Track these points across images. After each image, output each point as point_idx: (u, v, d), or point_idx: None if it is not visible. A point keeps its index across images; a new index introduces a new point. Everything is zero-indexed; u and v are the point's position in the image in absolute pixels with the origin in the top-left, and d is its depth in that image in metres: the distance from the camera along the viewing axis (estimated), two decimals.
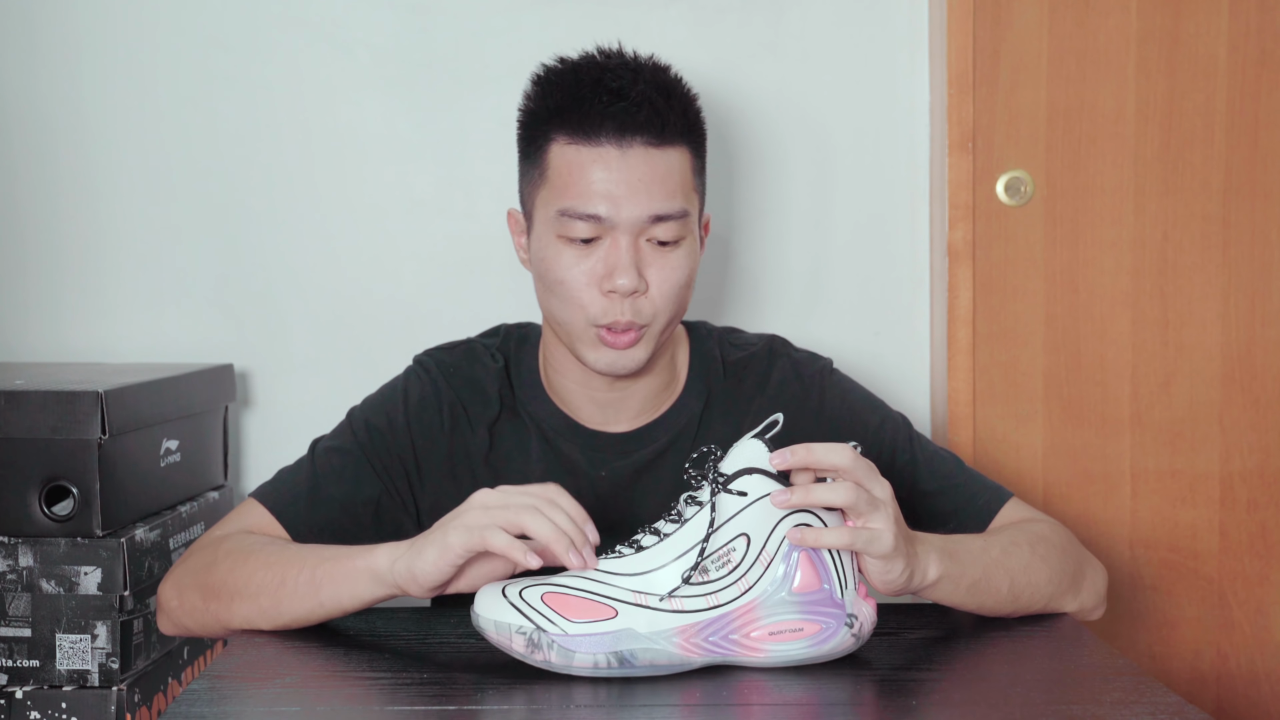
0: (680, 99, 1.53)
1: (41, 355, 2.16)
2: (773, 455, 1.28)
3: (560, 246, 1.50)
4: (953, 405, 2.09)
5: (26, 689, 1.73)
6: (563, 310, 1.52)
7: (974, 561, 1.41)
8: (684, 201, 1.50)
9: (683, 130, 1.52)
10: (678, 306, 1.53)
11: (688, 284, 1.53)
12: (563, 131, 1.50)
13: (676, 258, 1.51)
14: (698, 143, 1.55)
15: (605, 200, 1.47)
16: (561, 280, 1.50)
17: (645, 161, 1.48)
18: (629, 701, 1.22)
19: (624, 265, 1.47)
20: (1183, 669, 2.12)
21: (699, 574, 1.27)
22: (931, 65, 2.13)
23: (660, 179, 1.48)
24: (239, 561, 1.45)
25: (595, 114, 1.48)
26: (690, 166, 1.53)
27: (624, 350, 1.51)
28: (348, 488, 1.56)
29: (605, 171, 1.48)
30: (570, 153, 1.49)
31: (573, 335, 1.52)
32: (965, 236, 2.07)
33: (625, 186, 1.47)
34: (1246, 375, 2.10)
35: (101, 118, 2.14)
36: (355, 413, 1.61)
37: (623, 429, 1.60)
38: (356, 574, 1.37)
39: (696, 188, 1.55)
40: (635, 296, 1.49)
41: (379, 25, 2.13)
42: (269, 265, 2.15)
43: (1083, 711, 1.20)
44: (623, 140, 1.48)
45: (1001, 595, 1.43)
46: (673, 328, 1.55)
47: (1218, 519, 2.11)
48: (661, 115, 1.49)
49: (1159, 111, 2.08)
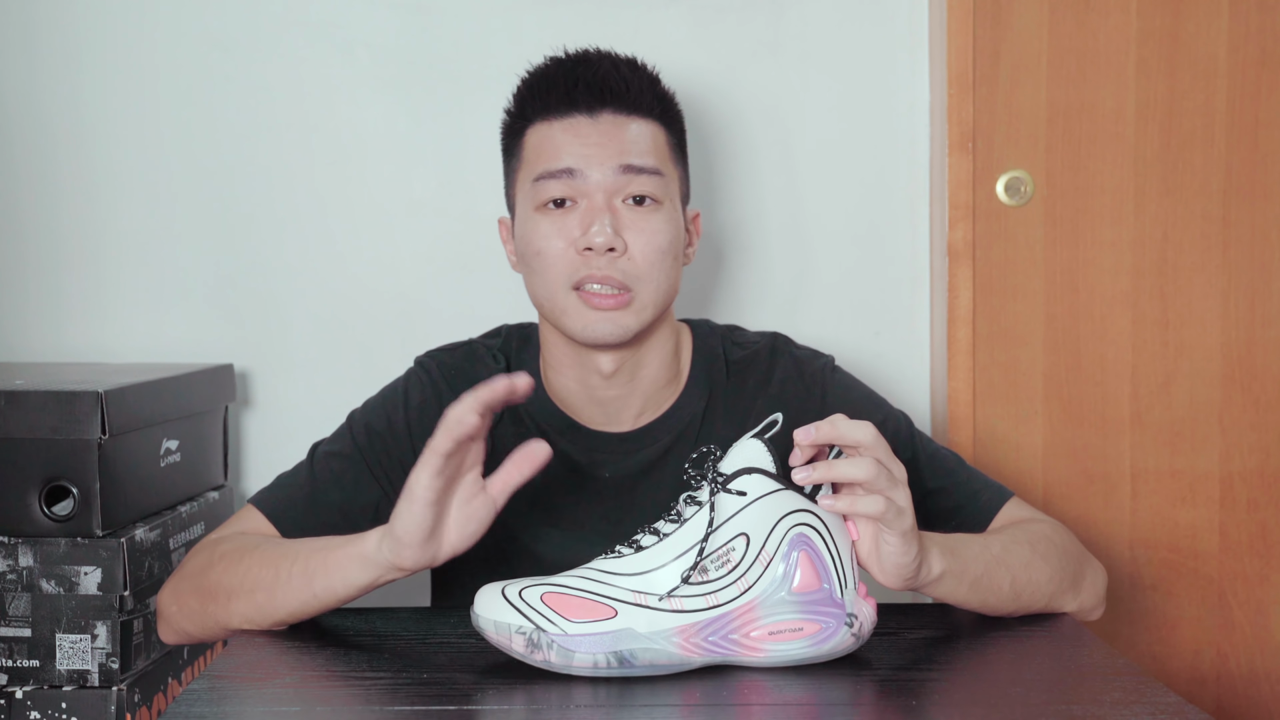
0: (648, 74, 1.58)
1: (41, 355, 2.16)
2: (798, 431, 1.27)
3: (537, 219, 1.52)
4: (953, 405, 2.09)
5: (26, 689, 1.73)
6: (545, 283, 1.52)
7: (975, 558, 1.41)
8: (657, 162, 1.53)
9: (652, 104, 1.55)
10: (661, 276, 1.52)
11: (669, 250, 1.53)
12: (537, 114, 1.55)
13: (656, 221, 1.52)
14: (671, 123, 1.58)
15: (577, 158, 1.51)
16: (540, 250, 1.51)
17: (615, 125, 1.52)
18: (629, 701, 1.22)
19: (599, 222, 1.49)
20: (1183, 669, 2.12)
21: (698, 574, 1.27)
22: (931, 65, 2.13)
23: (632, 139, 1.52)
24: (234, 562, 1.45)
25: (562, 84, 1.53)
26: (665, 141, 1.56)
27: (609, 313, 1.50)
28: (346, 493, 1.56)
29: (576, 135, 1.52)
30: (543, 129, 1.54)
31: (556, 307, 1.52)
32: (965, 236, 2.07)
33: (597, 147, 1.51)
34: (1246, 375, 2.10)
35: (101, 118, 2.14)
36: (355, 416, 1.61)
37: (624, 429, 1.60)
38: (348, 560, 1.37)
39: (674, 161, 1.57)
40: (614, 256, 1.49)
41: (379, 25, 2.13)
42: (269, 265, 2.15)
43: (1083, 711, 1.20)
44: (592, 108, 1.52)
45: (1003, 593, 1.43)
46: (662, 304, 1.54)
47: (1218, 519, 2.10)
48: (629, 84, 1.53)
49: (1159, 111, 2.08)
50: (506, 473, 1.34)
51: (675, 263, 1.55)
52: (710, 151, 2.14)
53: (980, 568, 1.41)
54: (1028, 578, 1.45)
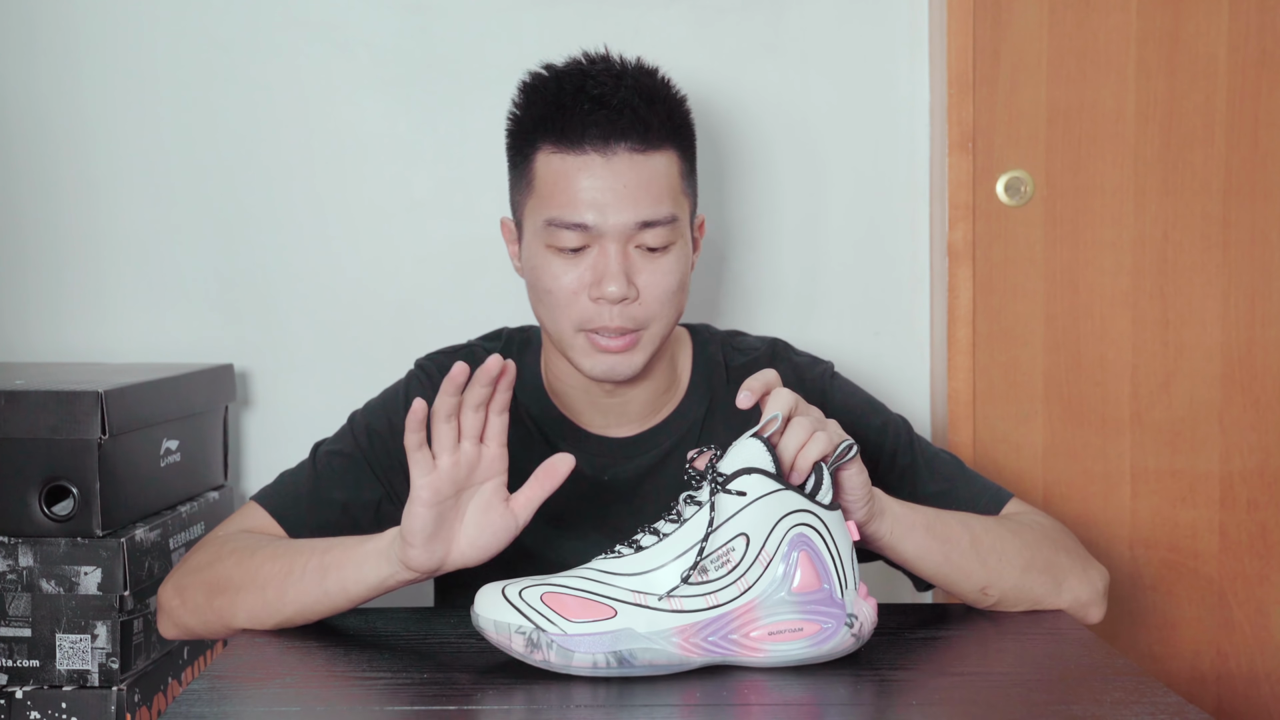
0: (665, 102, 1.52)
1: (41, 355, 2.16)
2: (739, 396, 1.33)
3: (549, 256, 1.50)
4: (953, 405, 2.09)
5: (26, 689, 1.73)
6: (552, 319, 1.52)
7: (923, 509, 1.45)
8: (672, 206, 1.50)
9: (668, 134, 1.51)
10: (672, 311, 1.52)
11: (679, 288, 1.52)
12: (547, 140, 1.50)
13: (667, 263, 1.50)
14: (685, 145, 1.55)
15: (591, 209, 1.47)
16: (550, 290, 1.50)
17: (631, 168, 1.47)
18: (629, 701, 1.22)
19: (612, 273, 1.47)
20: (1183, 669, 2.12)
21: (698, 574, 1.27)
22: (931, 65, 2.13)
23: (646, 184, 1.48)
24: (245, 556, 1.45)
25: (578, 122, 1.48)
26: (678, 170, 1.52)
27: (619, 355, 1.50)
28: (349, 490, 1.56)
29: (590, 180, 1.47)
30: (555, 161, 1.49)
31: (564, 343, 1.52)
32: (965, 236, 2.07)
33: (611, 194, 1.47)
34: (1246, 375, 2.10)
35: (101, 118, 2.14)
36: (356, 417, 1.62)
37: (625, 433, 1.60)
38: (362, 554, 1.39)
39: (685, 190, 1.54)
40: (626, 304, 1.49)
41: (379, 25, 2.13)
42: (269, 265, 2.15)
43: (1083, 711, 1.20)
44: (607, 147, 1.47)
45: (964, 546, 1.44)
46: (669, 332, 1.54)
47: (1218, 519, 2.10)
48: (645, 120, 1.48)
49: (1159, 111, 2.08)
50: (530, 489, 1.35)
51: (684, 294, 1.54)
52: (710, 152, 2.14)
53: (931, 516, 1.44)
54: (991, 542, 1.46)
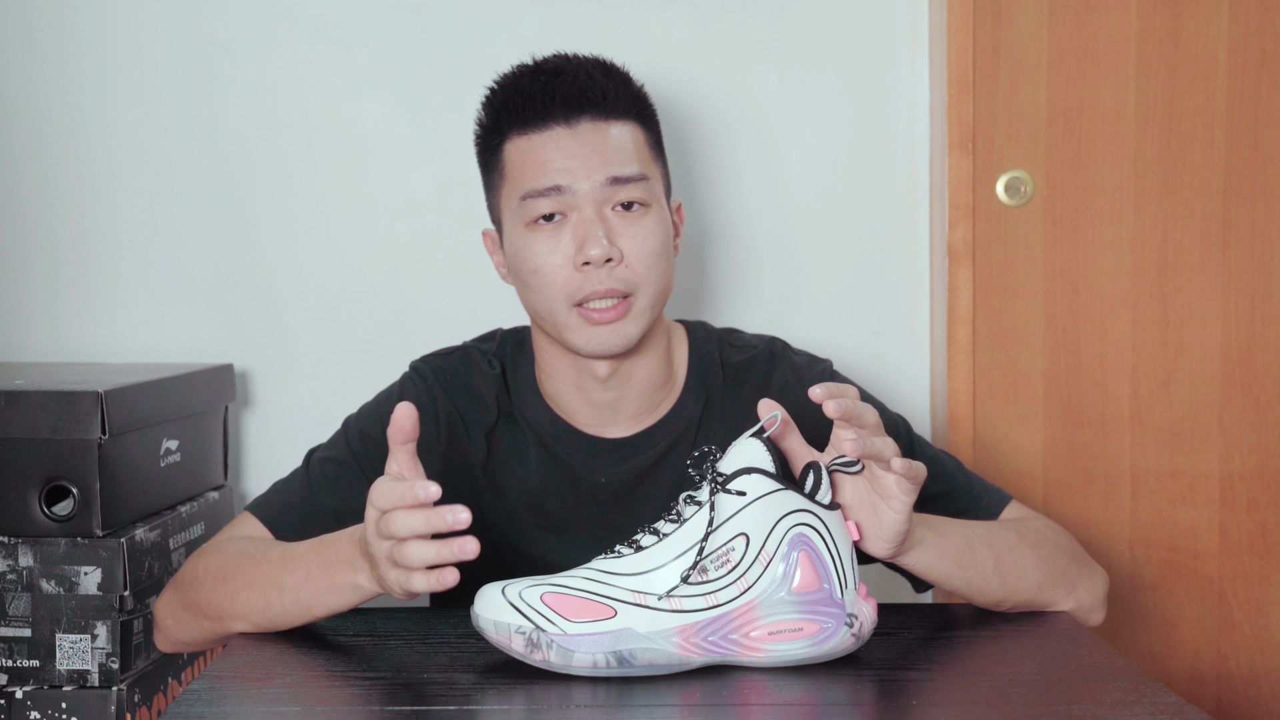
0: (620, 76, 1.57)
1: (41, 355, 2.16)
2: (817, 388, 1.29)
3: (530, 236, 1.51)
4: (953, 405, 2.09)
5: (26, 689, 1.74)
6: (544, 300, 1.52)
7: (953, 532, 1.43)
8: (641, 167, 1.53)
9: (628, 104, 1.55)
10: (658, 277, 1.53)
11: (663, 252, 1.53)
12: (513, 127, 1.53)
13: (647, 225, 1.52)
14: (647, 121, 1.58)
15: (562, 173, 1.50)
16: (536, 269, 1.51)
17: (595, 134, 1.51)
18: (628, 701, 1.22)
19: (593, 235, 1.49)
20: (1183, 669, 2.12)
21: (698, 574, 1.27)
22: (931, 65, 2.13)
23: (613, 147, 1.52)
24: (219, 583, 1.45)
25: (538, 97, 1.52)
26: (644, 140, 1.55)
27: (612, 325, 1.50)
28: (342, 497, 1.55)
29: (558, 149, 1.51)
30: (523, 143, 1.53)
31: (559, 324, 1.52)
32: (965, 236, 2.07)
33: (580, 159, 1.50)
34: (1246, 375, 2.10)
35: (101, 118, 2.14)
36: (350, 422, 1.61)
37: (621, 434, 1.60)
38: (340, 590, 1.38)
39: (655, 161, 1.57)
40: (612, 266, 1.50)
41: (379, 25, 2.13)
42: (269, 265, 2.15)
43: (1083, 711, 1.20)
44: (570, 118, 1.51)
45: (987, 571, 1.43)
46: (659, 304, 1.54)
47: (1218, 519, 2.10)
48: (603, 89, 1.52)
49: (1159, 111, 2.08)
50: None
51: (669, 261, 1.55)
52: (711, 151, 2.14)
53: (960, 541, 1.42)
54: (1013, 561, 1.45)
